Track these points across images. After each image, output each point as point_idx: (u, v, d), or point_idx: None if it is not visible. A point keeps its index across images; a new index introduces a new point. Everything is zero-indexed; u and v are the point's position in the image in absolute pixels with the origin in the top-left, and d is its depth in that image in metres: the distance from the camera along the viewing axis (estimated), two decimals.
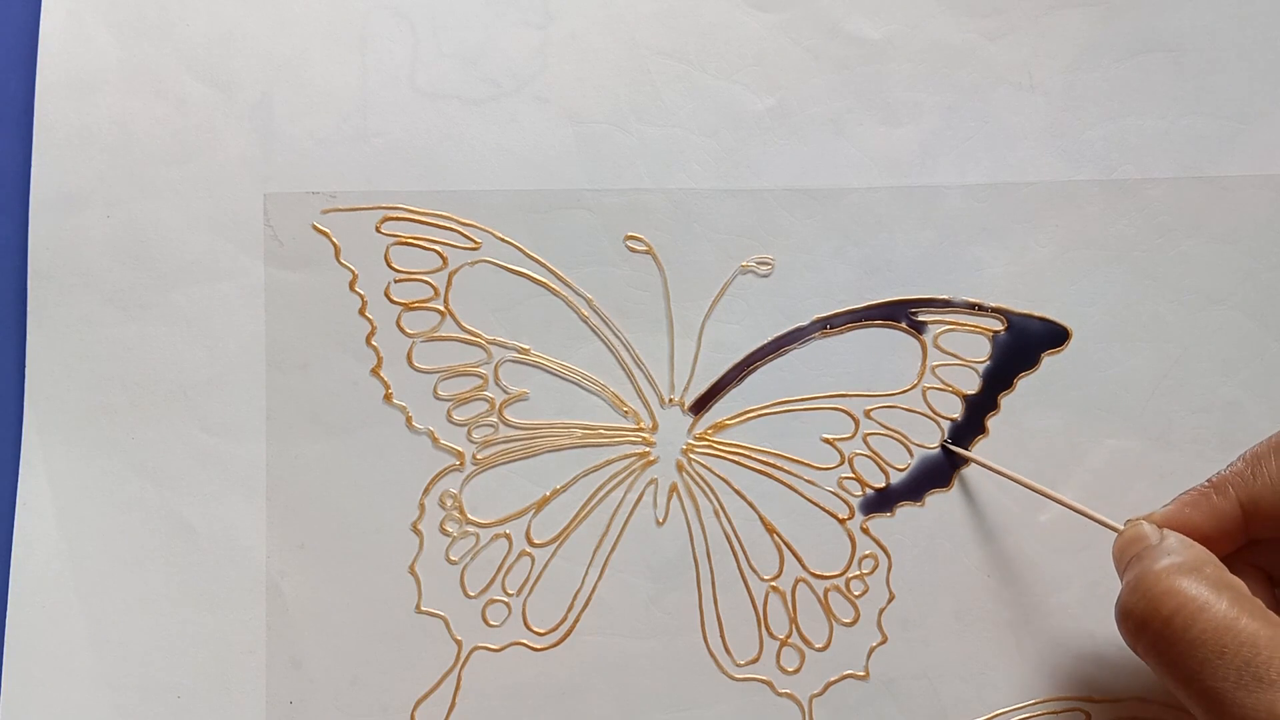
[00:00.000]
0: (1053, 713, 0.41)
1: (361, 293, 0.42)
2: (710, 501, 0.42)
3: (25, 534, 0.42)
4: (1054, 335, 0.42)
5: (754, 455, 0.42)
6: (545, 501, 0.42)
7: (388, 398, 0.42)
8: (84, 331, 0.42)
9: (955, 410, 0.42)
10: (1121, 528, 0.36)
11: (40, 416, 0.42)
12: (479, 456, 0.42)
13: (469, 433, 0.42)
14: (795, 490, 0.42)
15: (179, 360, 0.42)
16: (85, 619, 0.41)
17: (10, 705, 0.41)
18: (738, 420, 0.42)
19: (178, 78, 0.43)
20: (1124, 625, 0.33)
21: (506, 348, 0.42)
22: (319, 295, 0.42)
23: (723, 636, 0.42)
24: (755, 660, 0.42)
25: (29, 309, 0.42)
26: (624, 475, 0.42)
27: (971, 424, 0.42)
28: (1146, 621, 0.32)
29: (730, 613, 0.42)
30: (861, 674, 0.41)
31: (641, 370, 0.43)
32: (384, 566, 0.42)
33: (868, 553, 0.42)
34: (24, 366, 0.42)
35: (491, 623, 0.42)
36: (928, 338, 0.42)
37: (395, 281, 0.42)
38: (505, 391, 0.42)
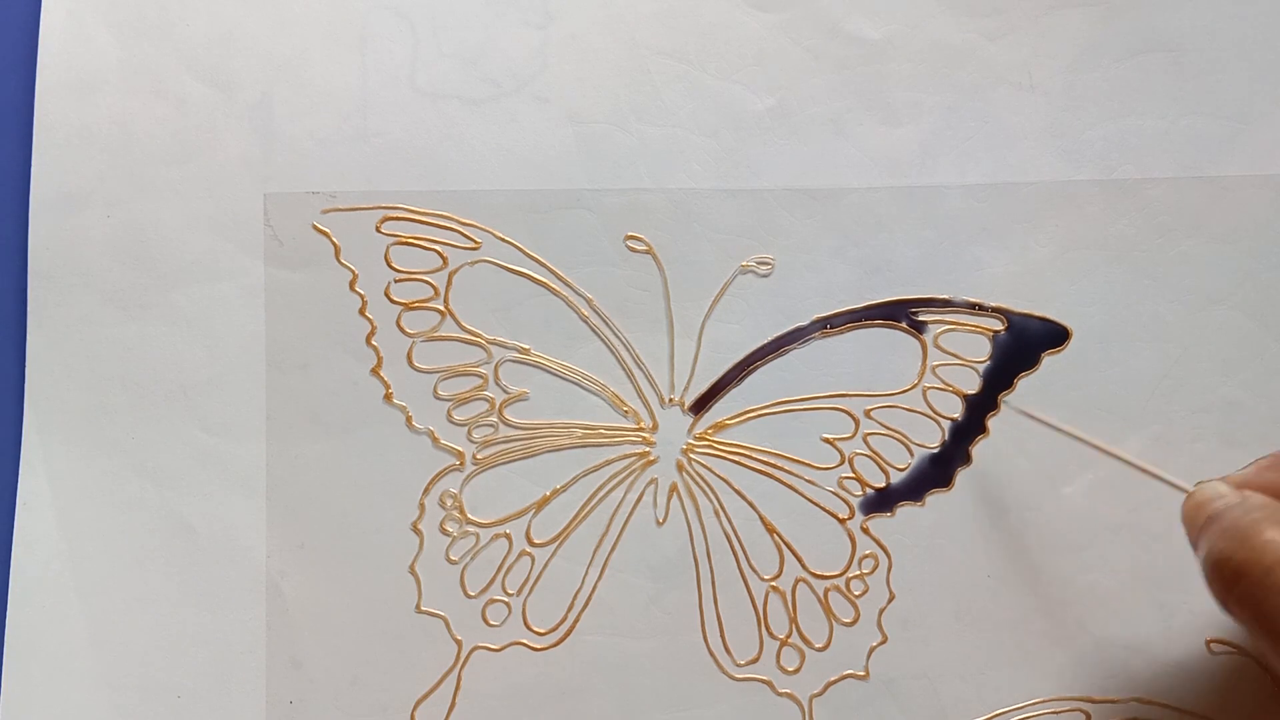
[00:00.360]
0: (1053, 713, 0.41)
1: (361, 292, 0.42)
2: (710, 501, 0.42)
3: (25, 534, 0.42)
4: (1054, 335, 0.42)
5: (754, 455, 0.42)
6: (545, 501, 0.42)
7: (388, 398, 0.42)
8: (84, 331, 0.42)
9: (956, 410, 0.42)
10: (1191, 488, 0.35)
11: (40, 416, 0.42)
12: (479, 456, 0.42)
13: (469, 432, 0.42)
14: (795, 490, 0.42)
15: (179, 360, 0.42)
16: (85, 619, 0.41)
17: (10, 705, 0.41)
18: (738, 420, 0.42)
19: (178, 78, 0.43)
20: (1217, 575, 0.32)
21: (506, 347, 0.42)
22: (319, 295, 0.42)
23: (723, 636, 0.42)
24: (755, 660, 0.42)
25: (29, 309, 0.42)
26: (624, 475, 0.42)
27: (972, 424, 0.42)
28: (1243, 571, 0.31)
29: (730, 613, 0.42)
30: (861, 674, 0.41)
31: (641, 370, 0.43)
32: (384, 566, 0.42)
33: (868, 553, 0.42)
34: (24, 366, 0.42)
35: (491, 622, 0.42)
36: (928, 337, 0.42)
37: (395, 281, 0.42)
38: (505, 391, 0.42)
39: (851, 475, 0.42)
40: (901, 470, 0.42)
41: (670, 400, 0.43)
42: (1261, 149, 0.43)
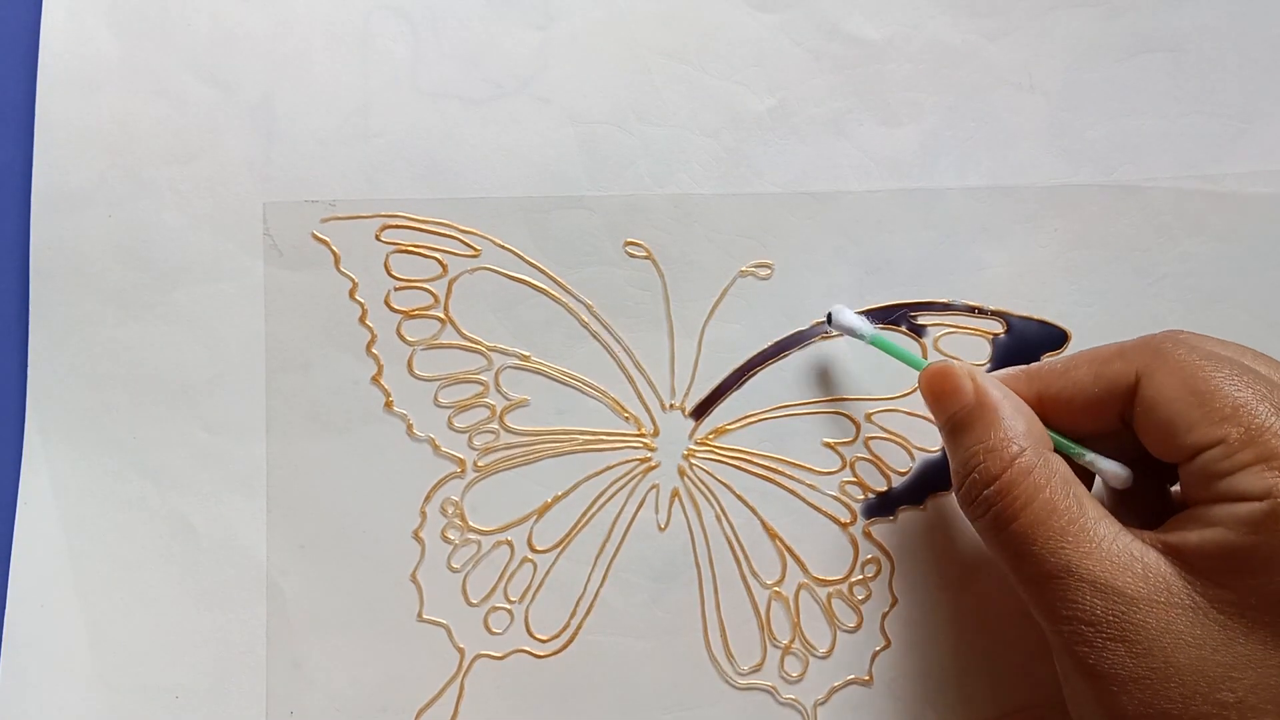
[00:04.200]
0: (1062, 716, 0.41)
1: (362, 301, 0.42)
2: (712, 506, 0.42)
3: (26, 533, 0.42)
4: (1053, 338, 0.42)
5: (755, 460, 0.42)
6: (547, 508, 0.42)
7: (388, 405, 0.42)
8: (85, 331, 0.42)
9: None
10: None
11: (42, 416, 0.42)
12: (480, 463, 0.42)
13: (470, 440, 0.42)
14: (797, 495, 0.42)
15: (180, 359, 0.42)
16: (84, 618, 0.41)
17: (7, 705, 0.41)
18: (739, 424, 0.42)
19: (179, 77, 0.43)
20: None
21: (507, 354, 0.42)
22: (320, 295, 0.42)
23: (725, 643, 0.41)
24: (758, 667, 0.42)
25: (31, 308, 0.42)
26: (625, 480, 0.42)
27: None
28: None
29: (732, 619, 0.42)
30: (866, 679, 0.41)
31: (642, 375, 0.42)
32: (385, 574, 0.42)
33: (870, 557, 0.42)
34: (26, 366, 0.42)
35: (494, 630, 0.42)
36: (928, 340, 0.42)
37: (395, 290, 0.42)
38: (506, 398, 0.42)
39: (853, 479, 0.42)
40: (903, 474, 0.42)
41: (671, 405, 0.42)
42: (1263, 147, 0.43)
